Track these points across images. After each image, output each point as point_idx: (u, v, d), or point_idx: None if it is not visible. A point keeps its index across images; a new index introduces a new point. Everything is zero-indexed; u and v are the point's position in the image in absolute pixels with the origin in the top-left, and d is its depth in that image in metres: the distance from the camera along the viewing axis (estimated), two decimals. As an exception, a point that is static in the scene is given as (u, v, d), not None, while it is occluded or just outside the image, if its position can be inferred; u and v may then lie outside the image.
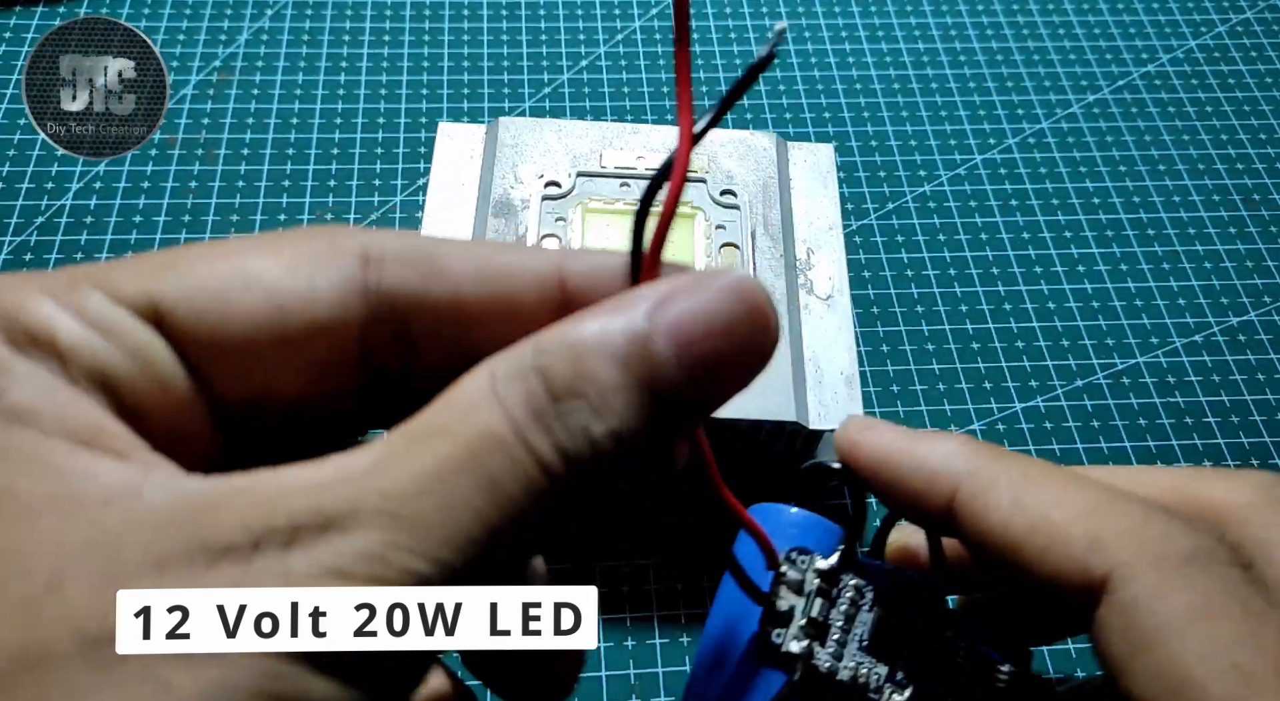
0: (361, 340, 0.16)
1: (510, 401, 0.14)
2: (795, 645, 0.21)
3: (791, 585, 0.21)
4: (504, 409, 0.14)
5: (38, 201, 0.38)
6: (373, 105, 0.42)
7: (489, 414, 0.14)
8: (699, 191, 0.30)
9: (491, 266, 0.16)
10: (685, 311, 0.15)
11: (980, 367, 0.36)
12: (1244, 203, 0.42)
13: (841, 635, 0.21)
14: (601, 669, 0.29)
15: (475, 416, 0.14)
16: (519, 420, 0.14)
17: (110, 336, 0.15)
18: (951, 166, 0.42)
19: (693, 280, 0.15)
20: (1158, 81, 0.46)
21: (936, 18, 0.48)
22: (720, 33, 0.46)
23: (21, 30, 0.43)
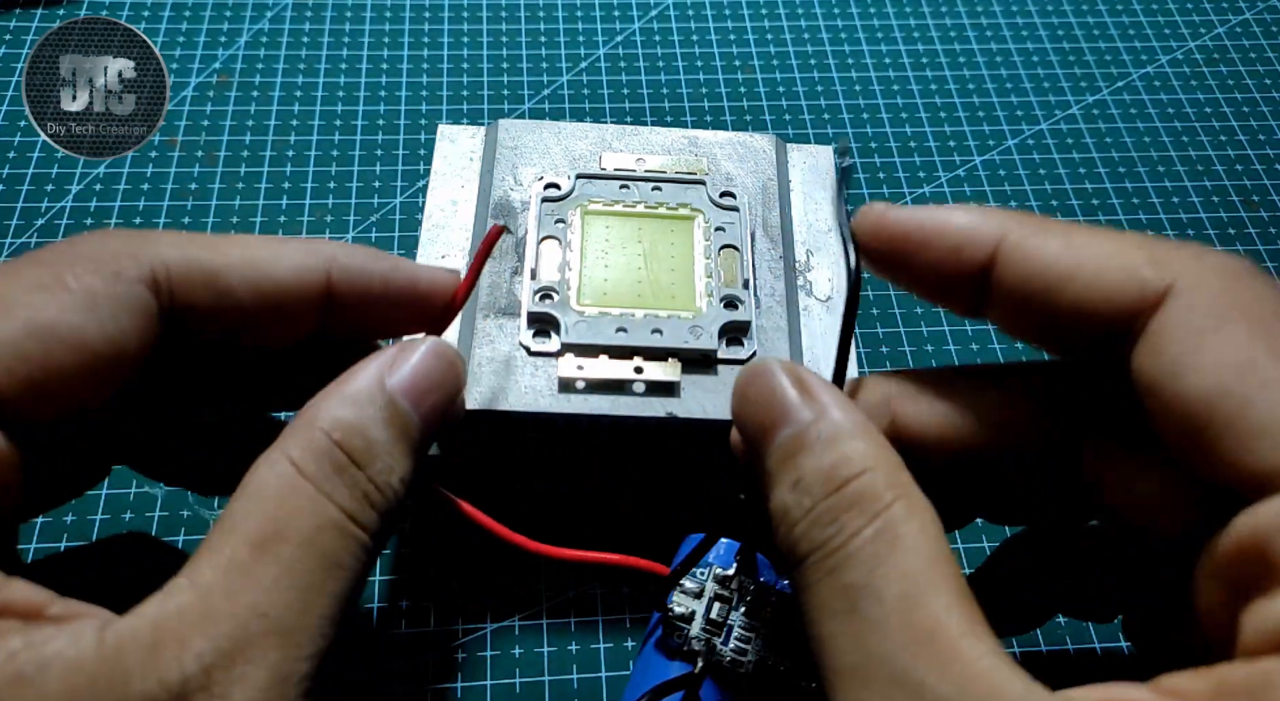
0: (153, 353, 0.18)
1: (325, 484, 0.18)
2: (697, 642, 0.24)
3: (689, 592, 0.24)
4: (322, 493, 0.18)
5: (38, 203, 0.38)
6: (372, 107, 0.42)
7: (312, 503, 0.18)
8: (698, 193, 0.30)
9: (266, 277, 0.19)
10: (408, 374, 0.20)
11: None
12: (1243, 204, 0.42)
13: (743, 632, 0.24)
14: (545, 673, 0.29)
15: (300, 508, 0.17)
16: (340, 499, 0.18)
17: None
18: (951, 168, 0.42)
19: (398, 348, 0.20)
20: (1157, 83, 0.46)
21: (936, 19, 0.48)
22: (720, 33, 0.46)
23: (22, 32, 0.43)
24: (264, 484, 0.18)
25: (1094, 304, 0.17)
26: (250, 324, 0.20)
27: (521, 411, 0.26)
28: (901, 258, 0.20)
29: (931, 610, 0.15)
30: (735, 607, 0.25)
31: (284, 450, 0.18)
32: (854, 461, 0.17)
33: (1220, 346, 0.16)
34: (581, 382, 0.26)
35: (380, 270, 0.21)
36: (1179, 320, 0.16)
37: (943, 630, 0.15)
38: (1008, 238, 0.19)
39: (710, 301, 0.28)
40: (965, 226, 0.19)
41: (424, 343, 0.21)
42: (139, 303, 0.18)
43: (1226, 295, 0.16)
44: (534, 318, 0.27)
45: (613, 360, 0.26)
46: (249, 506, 0.17)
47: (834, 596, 0.17)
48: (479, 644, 0.29)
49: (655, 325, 0.27)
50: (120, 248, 0.18)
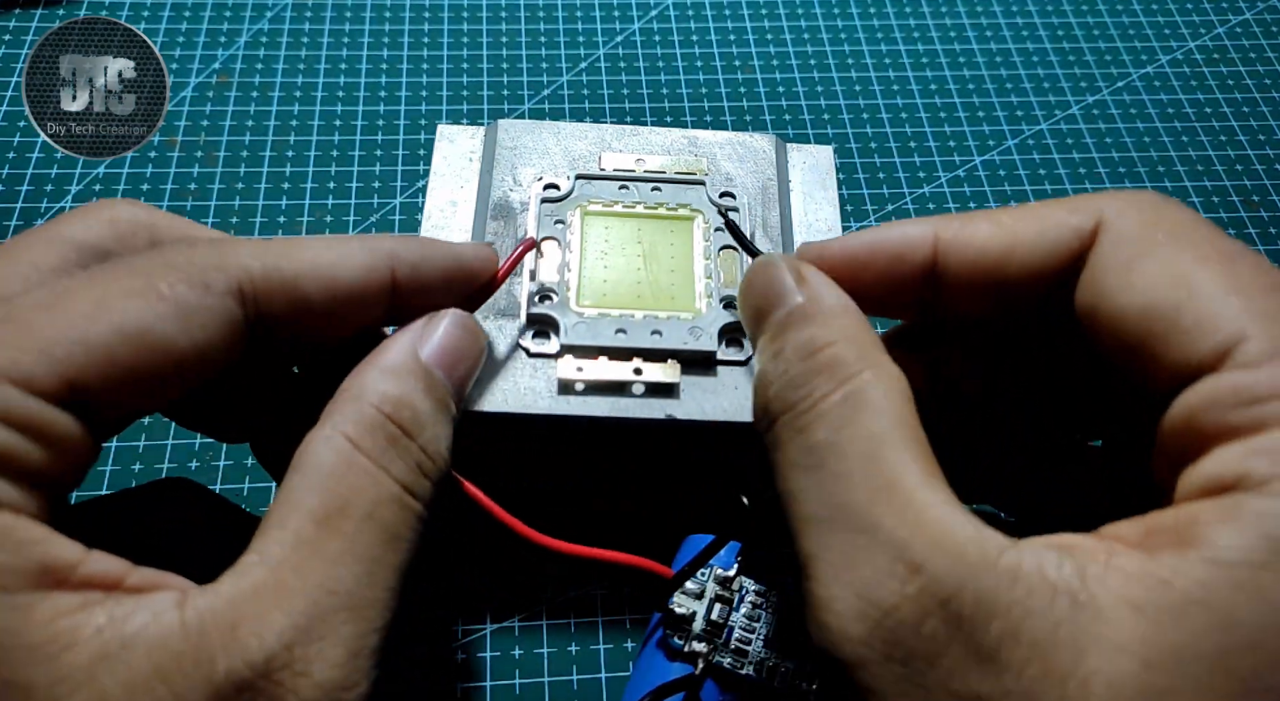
0: (239, 360, 0.19)
1: (381, 457, 0.19)
2: (696, 644, 0.24)
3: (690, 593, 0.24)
4: (379, 466, 0.18)
5: (37, 203, 0.38)
6: (372, 107, 0.42)
7: (370, 477, 0.18)
8: (698, 194, 0.30)
9: (338, 282, 0.20)
10: (438, 345, 0.21)
11: (980, 369, 0.36)
12: (1244, 204, 0.42)
13: (744, 634, 0.24)
14: (545, 675, 0.29)
15: (359, 484, 0.18)
16: (397, 471, 0.19)
17: (34, 434, 0.16)
18: (951, 168, 0.42)
19: (425, 321, 0.21)
20: (1157, 83, 0.46)
21: (936, 19, 0.48)
22: (720, 33, 0.46)
23: (21, 32, 0.43)
24: (321, 460, 0.18)
25: (1037, 260, 0.19)
26: (322, 325, 0.20)
27: (520, 413, 0.26)
28: (849, 279, 0.21)
29: (891, 464, 0.17)
30: (736, 608, 0.25)
31: (336, 426, 0.19)
32: (829, 333, 0.19)
33: (1150, 264, 0.18)
34: (581, 384, 0.26)
35: (436, 258, 0.22)
36: (1110, 249, 0.18)
37: (900, 482, 0.16)
38: (940, 235, 0.20)
39: (710, 302, 0.28)
40: (899, 236, 0.21)
41: (448, 315, 0.22)
42: (227, 314, 0.18)
43: (1149, 221, 0.18)
44: (533, 319, 0.27)
45: (612, 361, 0.26)
46: (309, 482, 0.18)
47: (802, 453, 0.18)
48: (479, 645, 0.29)
49: (654, 326, 0.27)
50: (208, 259, 0.19)
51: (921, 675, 0.15)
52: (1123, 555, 0.15)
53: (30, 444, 0.16)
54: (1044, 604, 0.15)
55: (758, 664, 0.24)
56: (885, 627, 0.15)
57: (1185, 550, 0.15)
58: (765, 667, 0.24)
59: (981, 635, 0.15)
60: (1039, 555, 0.15)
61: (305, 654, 0.16)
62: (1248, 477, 0.15)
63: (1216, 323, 0.17)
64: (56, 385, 0.16)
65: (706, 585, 0.25)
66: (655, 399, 0.26)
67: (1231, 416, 0.16)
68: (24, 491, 0.16)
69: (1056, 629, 0.15)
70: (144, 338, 0.17)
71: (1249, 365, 0.16)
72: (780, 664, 0.24)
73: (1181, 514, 0.16)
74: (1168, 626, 0.14)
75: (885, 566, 0.16)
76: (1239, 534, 0.15)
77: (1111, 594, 0.15)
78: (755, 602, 0.25)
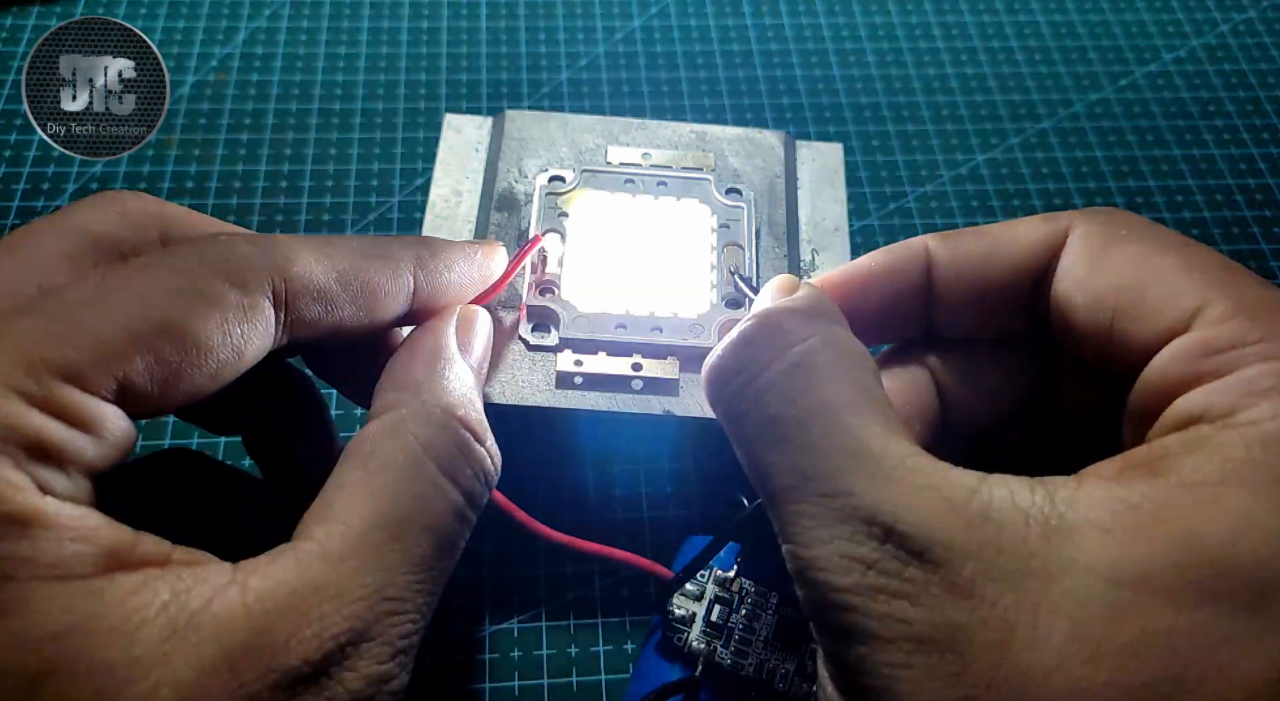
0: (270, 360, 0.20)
1: (450, 467, 0.19)
2: (698, 644, 0.24)
3: (690, 595, 0.24)
4: (447, 476, 0.19)
5: (34, 203, 0.38)
6: (371, 105, 0.42)
7: (438, 490, 0.19)
8: (703, 189, 0.30)
9: (367, 287, 0.21)
10: (480, 350, 0.22)
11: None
12: (1247, 202, 0.42)
13: (744, 635, 0.24)
14: (544, 677, 0.28)
15: (427, 496, 0.19)
16: (464, 481, 0.19)
17: (87, 428, 0.17)
18: (954, 166, 0.42)
19: (456, 322, 0.22)
20: (1160, 81, 0.46)
21: (938, 17, 0.48)
22: (720, 32, 0.46)
23: (18, 30, 0.43)
24: (390, 458, 0.19)
25: (1015, 259, 0.21)
26: (347, 325, 0.21)
27: (518, 405, 0.25)
28: (853, 302, 0.22)
29: (853, 428, 0.17)
30: (736, 610, 0.24)
31: (404, 421, 0.19)
32: (777, 308, 0.20)
33: (1115, 254, 0.19)
34: (579, 378, 0.26)
35: (452, 259, 0.23)
36: (1079, 244, 0.20)
37: (865, 444, 0.17)
38: (930, 244, 0.22)
39: (712, 300, 0.27)
40: (892, 256, 0.22)
41: (479, 314, 0.23)
42: (262, 315, 0.19)
43: (1113, 224, 0.20)
44: (533, 312, 0.27)
45: (611, 357, 0.26)
46: (377, 481, 0.18)
47: (763, 428, 0.18)
48: (477, 647, 0.29)
49: (655, 322, 0.27)
50: (245, 260, 0.19)
51: (903, 610, 0.16)
52: (1093, 483, 0.16)
53: (84, 438, 0.17)
54: (1015, 537, 0.16)
55: (758, 665, 0.24)
56: (870, 576, 0.16)
57: (1154, 477, 0.16)
58: (765, 668, 0.24)
59: (956, 576, 0.16)
60: (1009, 485, 0.16)
61: (356, 651, 0.17)
62: (1210, 410, 0.17)
63: (1181, 294, 0.18)
64: (107, 382, 0.17)
65: (706, 586, 0.25)
66: (654, 395, 0.26)
67: (1199, 366, 0.17)
68: (80, 482, 0.17)
69: (1028, 559, 0.15)
70: (187, 336, 0.18)
71: (1213, 323, 0.17)
72: (780, 665, 0.24)
73: (1153, 448, 0.17)
74: (1133, 545, 0.15)
75: (861, 528, 0.17)
76: (1203, 458, 0.16)
77: (1081, 518, 0.16)
78: (755, 603, 0.24)
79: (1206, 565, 0.15)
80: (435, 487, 0.19)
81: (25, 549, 0.15)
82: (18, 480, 0.16)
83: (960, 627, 0.15)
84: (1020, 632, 0.15)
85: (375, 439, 0.19)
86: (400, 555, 0.18)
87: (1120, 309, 0.19)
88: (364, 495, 0.18)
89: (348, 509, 0.18)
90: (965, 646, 0.15)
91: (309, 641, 0.16)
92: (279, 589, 0.17)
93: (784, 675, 0.24)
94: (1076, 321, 0.20)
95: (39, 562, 0.15)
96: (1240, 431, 0.16)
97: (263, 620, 0.16)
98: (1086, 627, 0.15)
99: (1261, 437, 0.16)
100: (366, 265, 0.21)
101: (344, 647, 0.17)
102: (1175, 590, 0.15)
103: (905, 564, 0.16)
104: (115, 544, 0.16)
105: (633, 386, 0.26)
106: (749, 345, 0.19)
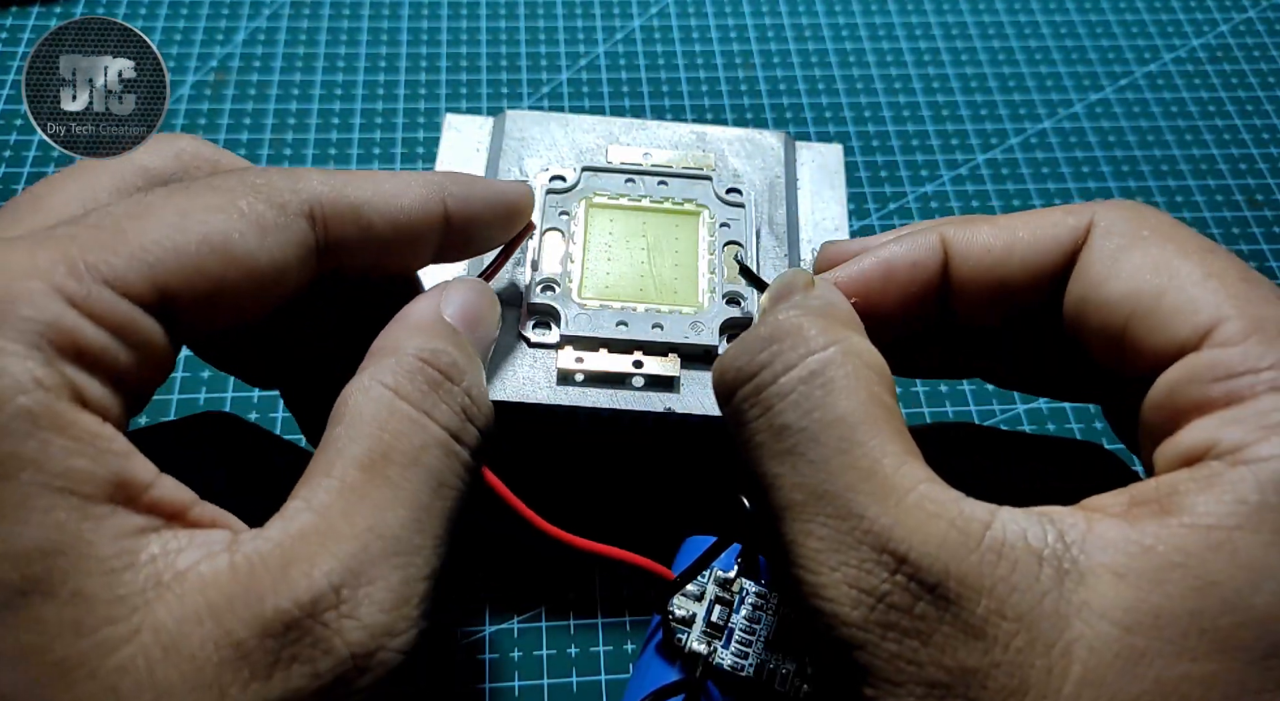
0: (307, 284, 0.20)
1: (423, 402, 0.18)
2: (698, 645, 0.24)
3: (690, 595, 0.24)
4: (422, 412, 0.18)
5: (33, 201, 0.38)
6: (370, 105, 0.42)
7: (414, 423, 0.18)
8: (704, 189, 0.30)
9: (399, 210, 0.20)
10: (459, 306, 0.21)
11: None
12: (1247, 202, 0.42)
13: (744, 636, 0.24)
14: (544, 677, 0.28)
15: (403, 430, 0.18)
16: (440, 416, 0.18)
17: (125, 336, 0.16)
18: (953, 166, 0.42)
19: (441, 286, 0.22)
20: (1160, 81, 0.46)
21: (938, 16, 0.48)
22: (720, 30, 0.46)
23: (18, 30, 0.43)
24: (361, 409, 0.18)
25: (1036, 255, 0.20)
26: (382, 254, 0.21)
27: (518, 402, 0.25)
28: (868, 298, 0.21)
29: (868, 448, 0.17)
30: (736, 610, 0.24)
31: (373, 376, 0.19)
32: (795, 312, 0.19)
33: (1135, 255, 0.19)
34: (580, 375, 0.26)
35: (482, 192, 0.23)
36: (1099, 243, 0.20)
37: (878, 466, 0.17)
38: (946, 235, 0.21)
39: (712, 297, 0.27)
40: (909, 246, 0.21)
41: (464, 279, 0.22)
42: (300, 235, 0.19)
43: (1135, 221, 0.19)
44: (534, 309, 0.27)
45: (612, 354, 0.26)
46: (352, 431, 0.18)
47: (773, 437, 0.18)
48: (477, 647, 0.29)
49: (656, 320, 0.26)
50: (283, 182, 0.19)
51: (914, 651, 0.15)
52: (1104, 523, 0.16)
53: (120, 346, 0.16)
54: (1028, 576, 0.15)
55: (758, 666, 0.24)
56: (879, 611, 0.16)
57: (1165, 517, 0.16)
58: (766, 670, 0.24)
59: (969, 614, 0.15)
60: (1022, 524, 0.16)
61: (353, 596, 0.16)
62: (1222, 445, 0.16)
63: (1197, 306, 0.18)
64: (147, 290, 0.16)
65: (707, 587, 0.24)
66: (654, 392, 0.26)
67: (1209, 390, 0.17)
68: (111, 394, 0.16)
69: (1041, 600, 0.15)
70: (227, 250, 0.17)
71: (1226, 344, 0.17)
72: (781, 666, 0.24)
73: (1162, 483, 0.16)
74: (1148, 590, 0.15)
75: (872, 556, 0.16)
76: (1214, 499, 0.15)
77: (1094, 561, 0.15)
78: (756, 604, 0.24)
79: (1223, 615, 0.15)
80: (410, 422, 0.18)
81: (32, 448, 0.14)
82: (44, 376, 0.15)
83: (973, 672, 0.15)
84: (1035, 679, 0.15)
85: (348, 395, 0.18)
86: (387, 492, 0.17)
87: (1134, 316, 0.18)
88: (342, 445, 0.17)
89: (328, 462, 0.17)
90: (979, 692, 0.15)
91: (297, 581, 0.15)
92: (265, 545, 0.16)
93: (784, 676, 0.23)
94: (1089, 322, 0.19)
95: (44, 467, 0.14)
96: (1252, 469, 0.15)
97: (248, 572, 0.15)
98: (1099, 675, 0.15)
99: (1274, 477, 0.15)
100: (401, 191, 0.21)
101: (338, 589, 0.16)
102: (1190, 639, 0.15)
103: (916, 598, 0.16)
104: (130, 476, 0.15)
105: (634, 383, 0.26)
106: (766, 347, 0.19)
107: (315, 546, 0.16)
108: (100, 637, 0.14)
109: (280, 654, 0.15)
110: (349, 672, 0.15)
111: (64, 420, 0.15)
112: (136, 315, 0.16)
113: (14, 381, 0.14)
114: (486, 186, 0.23)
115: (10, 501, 0.14)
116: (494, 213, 0.23)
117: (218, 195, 0.18)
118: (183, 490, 0.16)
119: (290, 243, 0.18)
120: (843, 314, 0.20)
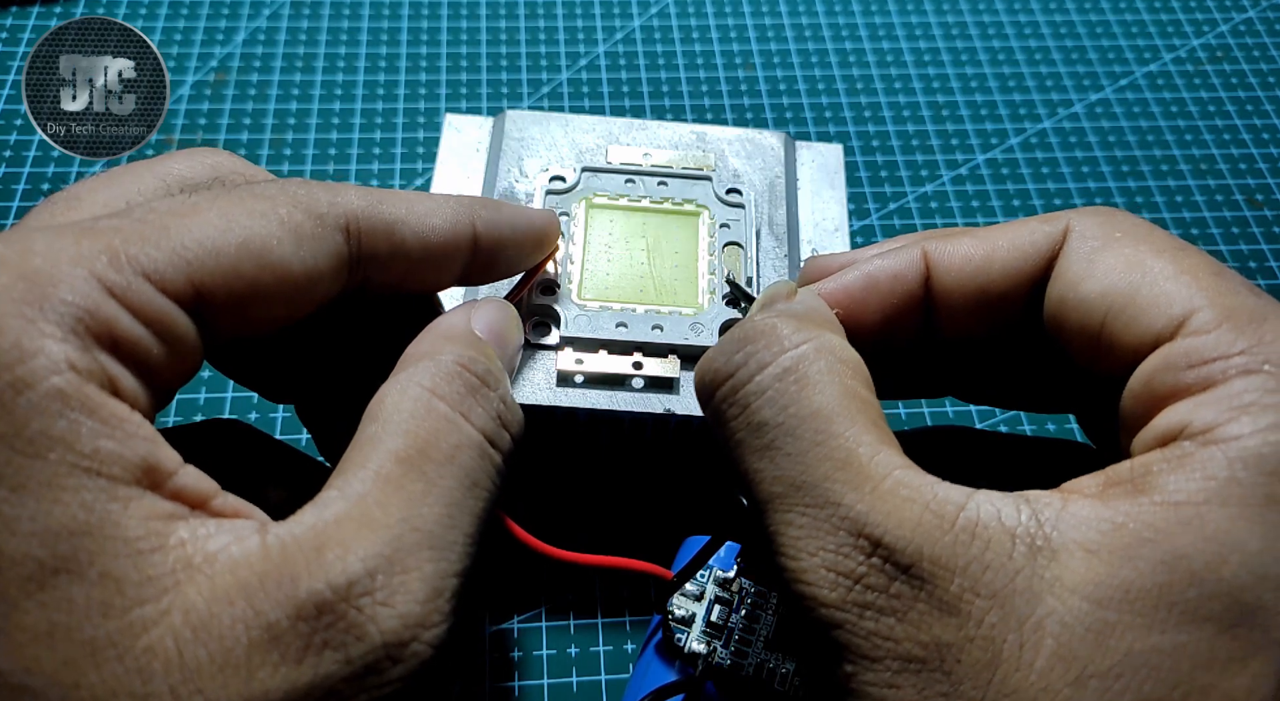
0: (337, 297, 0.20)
1: (460, 404, 0.19)
2: (697, 645, 0.24)
3: (690, 595, 0.24)
4: (459, 413, 0.19)
5: (33, 203, 0.38)
6: (370, 105, 0.42)
7: (451, 423, 0.18)
8: (704, 189, 0.30)
9: (431, 230, 0.21)
10: (486, 321, 0.22)
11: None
12: (1247, 202, 0.42)
13: (744, 635, 0.24)
14: (544, 677, 0.28)
15: (440, 428, 0.18)
16: (477, 419, 0.19)
17: (159, 330, 0.16)
18: (953, 166, 0.42)
19: (468, 305, 0.22)
20: (1160, 81, 0.46)
21: (938, 16, 0.48)
22: (720, 30, 0.46)
23: (18, 30, 0.43)
24: (398, 407, 0.18)
25: (1015, 262, 0.21)
26: (414, 273, 0.21)
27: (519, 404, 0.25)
28: (851, 311, 0.22)
29: (844, 438, 0.17)
30: (736, 610, 0.24)
31: (411, 377, 0.19)
32: (770, 313, 0.20)
33: (1109, 255, 0.19)
34: (580, 376, 0.26)
35: (510, 218, 0.23)
36: (1075, 246, 0.20)
37: (854, 455, 0.17)
38: (927, 248, 0.22)
39: (712, 298, 0.27)
40: (892, 261, 0.22)
41: (491, 299, 0.23)
42: (335, 247, 0.19)
43: (1108, 225, 0.20)
44: (534, 310, 0.27)
45: (612, 355, 0.26)
46: (389, 427, 0.18)
47: (750, 432, 0.18)
48: (477, 647, 0.29)
49: (656, 321, 0.27)
50: (321, 194, 0.19)
51: (890, 628, 0.16)
52: (1078, 503, 0.16)
53: (154, 339, 0.16)
54: (1001, 555, 0.16)
55: (758, 665, 0.24)
56: (856, 592, 0.16)
57: (1138, 496, 0.16)
58: (765, 669, 0.24)
59: (943, 592, 0.16)
60: (997, 505, 0.16)
61: (388, 583, 0.16)
62: (1194, 426, 0.17)
63: (1170, 299, 0.18)
64: (184, 287, 0.17)
65: (706, 587, 0.25)
66: (654, 393, 0.26)
67: (1183, 377, 0.17)
68: (141, 386, 0.16)
69: (1014, 577, 0.16)
70: (265, 255, 0.18)
71: (1199, 332, 0.18)
72: (781, 665, 0.24)
73: (1136, 464, 0.17)
74: (1118, 566, 0.15)
75: (849, 540, 0.17)
76: (1185, 476, 0.16)
77: (1067, 538, 0.16)
78: (755, 604, 0.24)
79: (1191, 587, 0.15)
80: (447, 422, 0.18)
81: (62, 428, 0.14)
82: (78, 360, 0.15)
83: (948, 646, 0.16)
84: (1007, 652, 0.15)
85: (385, 395, 0.19)
86: (422, 486, 0.17)
87: (1110, 312, 0.19)
88: (379, 440, 0.18)
89: (364, 455, 0.17)
90: (953, 666, 0.15)
91: (332, 564, 0.15)
92: (298, 529, 0.16)
93: (784, 676, 0.23)
94: (1069, 321, 0.20)
95: (73, 447, 0.14)
96: (1222, 448, 0.16)
97: (281, 554, 0.15)
98: (1071, 649, 0.15)
99: (1242, 454, 0.16)
100: (433, 211, 0.21)
101: (374, 575, 0.15)
102: (1159, 612, 0.15)
103: (892, 578, 0.16)
104: (156, 461, 0.15)
105: (633, 385, 0.26)
106: (741, 348, 0.19)
107: (350, 532, 0.16)
108: (129, 619, 0.14)
109: (312, 638, 0.15)
110: (381, 661, 0.15)
111: (94, 403, 0.15)
112: (172, 311, 0.17)
113: (49, 361, 0.15)
114: (516, 212, 0.24)
115: (39, 479, 0.14)
116: (522, 238, 0.23)
117: (260, 202, 0.18)
118: (206, 480, 0.16)
119: (325, 253, 0.19)
120: (819, 316, 0.20)
